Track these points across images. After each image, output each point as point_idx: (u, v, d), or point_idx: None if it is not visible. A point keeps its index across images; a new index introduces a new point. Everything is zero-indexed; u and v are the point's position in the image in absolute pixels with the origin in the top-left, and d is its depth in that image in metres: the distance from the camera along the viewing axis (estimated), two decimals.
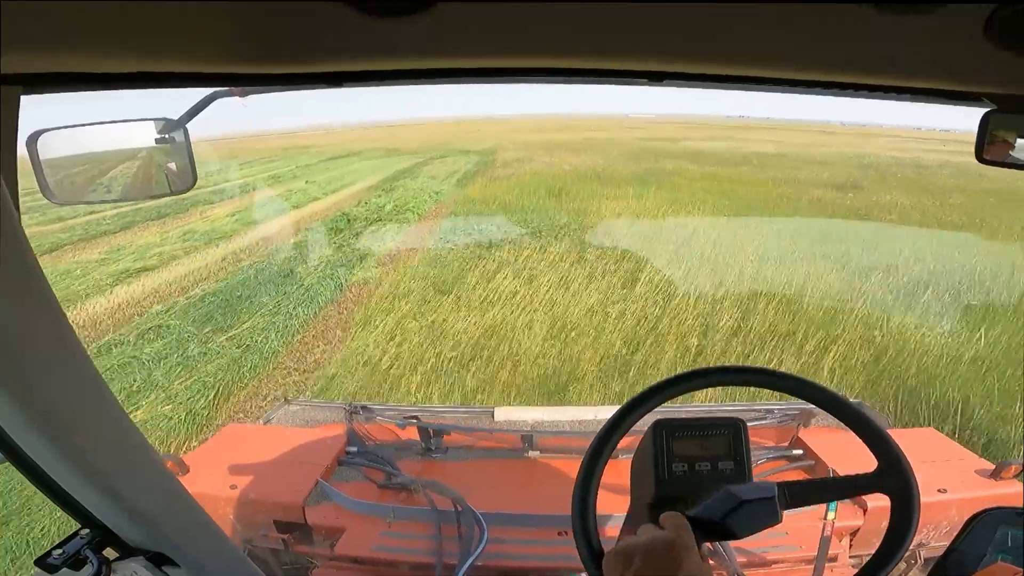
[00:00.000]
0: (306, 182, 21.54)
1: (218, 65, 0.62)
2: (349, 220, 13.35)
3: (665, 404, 0.96)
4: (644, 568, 0.70)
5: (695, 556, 0.72)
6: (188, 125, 0.72)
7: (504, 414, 2.45)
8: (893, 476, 0.85)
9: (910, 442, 0.94)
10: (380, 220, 13.48)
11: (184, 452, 2.54)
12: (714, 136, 42.94)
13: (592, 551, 0.86)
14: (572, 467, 0.91)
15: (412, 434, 2.24)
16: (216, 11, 0.51)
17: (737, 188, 18.00)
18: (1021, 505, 1.12)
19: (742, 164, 24.81)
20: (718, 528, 0.79)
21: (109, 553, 0.86)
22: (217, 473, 1.97)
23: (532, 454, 2.16)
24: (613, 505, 1.30)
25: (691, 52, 0.65)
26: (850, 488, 0.91)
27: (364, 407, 2.34)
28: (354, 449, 2.17)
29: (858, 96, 0.74)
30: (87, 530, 0.84)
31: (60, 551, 0.82)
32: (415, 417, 2.31)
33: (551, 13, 0.56)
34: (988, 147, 0.77)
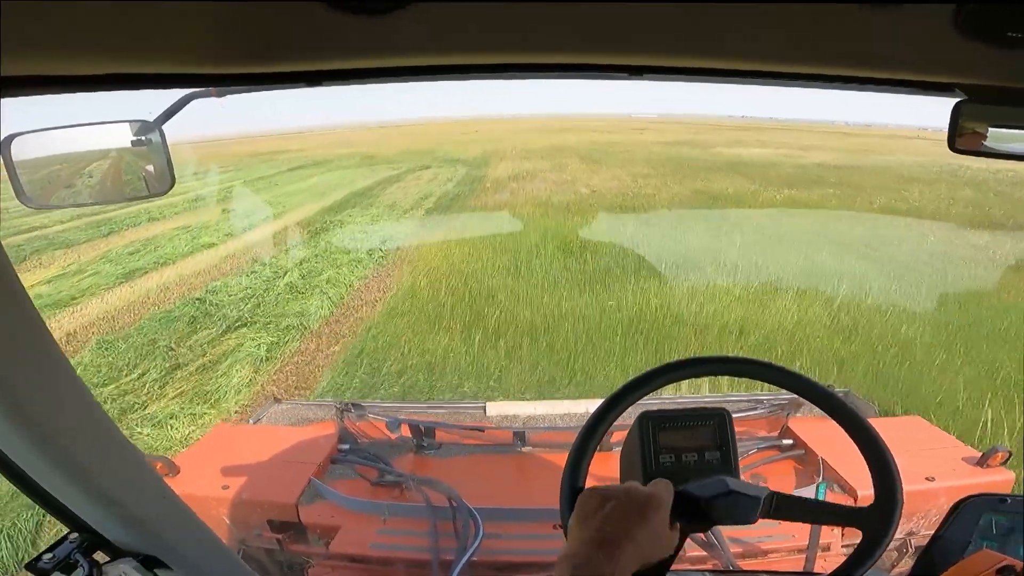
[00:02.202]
0: (223, 211, 15.37)
1: (195, 66, 0.61)
2: (193, 319, 7.31)
3: (652, 395, 0.96)
4: (614, 512, 0.71)
5: (665, 517, 0.74)
6: (165, 127, 0.72)
7: (496, 409, 2.46)
8: (880, 519, 0.85)
9: (896, 430, 0.95)
10: (244, 324, 7.06)
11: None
12: (740, 140, 36.42)
13: (574, 487, 0.88)
14: (563, 461, 0.91)
15: (404, 431, 2.25)
16: (193, 12, 0.51)
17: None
18: (1007, 492, 1.14)
19: (818, 183, 18.36)
20: (697, 508, 0.79)
21: (100, 557, 0.86)
22: (209, 474, 1.97)
23: (524, 449, 2.17)
24: None
25: (668, 47, 0.65)
26: (836, 518, 0.92)
27: (355, 404, 2.35)
28: (346, 447, 2.18)
29: (832, 88, 0.75)
30: (76, 534, 0.84)
31: (50, 555, 0.81)
32: (407, 414, 2.32)
33: (530, 8, 0.56)
34: (960, 136, 0.78)
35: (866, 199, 16.08)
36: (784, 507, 0.83)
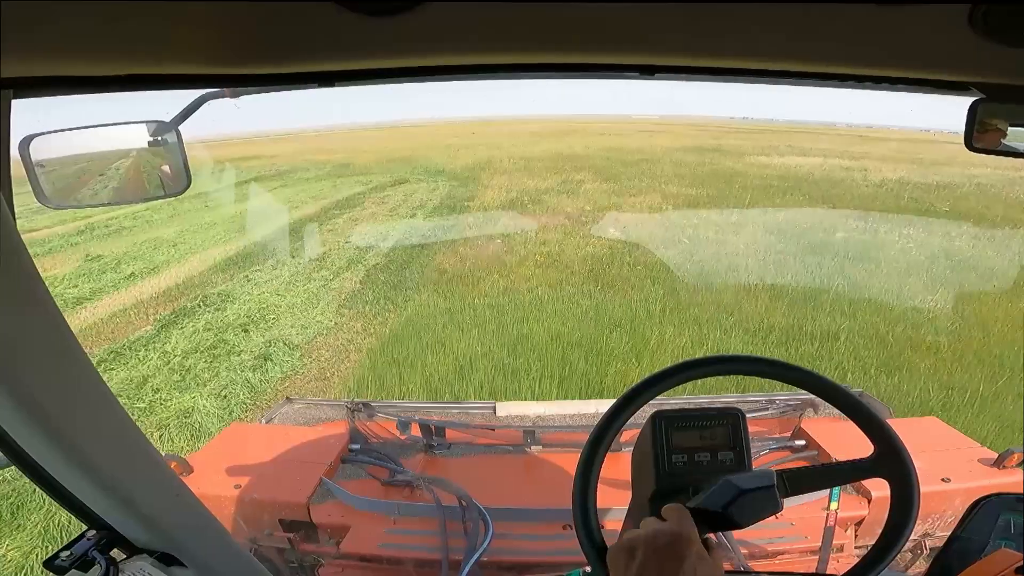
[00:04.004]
0: (86, 257, 10.57)
1: (209, 66, 0.62)
2: None
3: (664, 395, 0.96)
4: (648, 561, 0.70)
5: (698, 547, 0.72)
6: (181, 127, 0.72)
7: (505, 409, 2.46)
8: (890, 459, 0.85)
9: (913, 431, 0.94)
10: None
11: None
12: (769, 146, 29.02)
13: (595, 545, 0.86)
14: (574, 461, 0.91)
15: (414, 430, 2.25)
16: (206, 13, 0.51)
17: None
18: (1023, 492, 1.12)
19: (931, 213, 12.73)
20: (720, 518, 0.78)
21: (116, 554, 0.87)
22: (221, 473, 1.98)
23: (534, 449, 2.17)
24: (615, 499, 1.30)
25: (681, 46, 0.65)
26: (849, 473, 0.90)
27: (365, 404, 2.35)
28: (357, 447, 2.18)
29: (847, 87, 0.74)
30: (93, 531, 0.85)
31: (68, 552, 0.82)
32: (417, 414, 2.32)
33: (540, 9, 0.56)
34: (977, 136, 0.78)
35: None
36: (797, 482, 0.82)
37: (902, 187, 17.02)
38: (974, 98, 0.77)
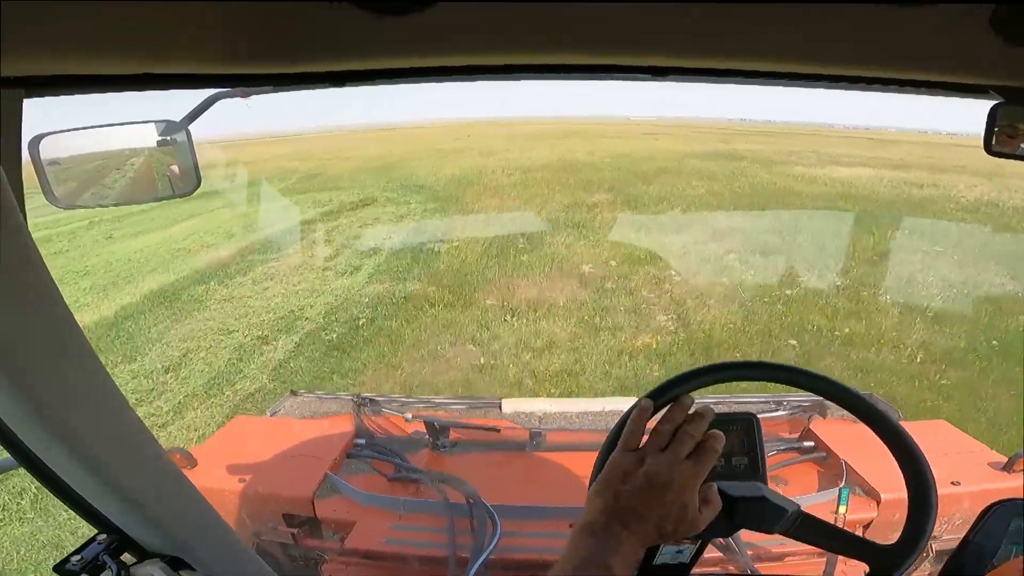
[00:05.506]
0: None
1: (220, 66, 0.61)
2: None
3: None
4: (634, 489, 0.73)
5: (686, 501, 0.74)
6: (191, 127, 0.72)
7: (512, 406, 2.45)
8: (896, 561, 0.84)
9: (922, 435, 0.93)
10: None
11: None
12: (794, 152, 23.65)
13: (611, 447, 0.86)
14: (580, 461, 0.91)
15: (420, 426, 2.25)
16: (217, 11, 0.51)
17: None
18: None
19: None
20: (726, 506, 0.79)
21: (127, 558, 0.87)
22: (225, 467, 1.98)
23: (541, 447, 2.16)
24: None
25: (693, 47, 0.64)
26: (857, 551, 0.89)
27: (371, 399, 2.36)
28: (362, 441, 2.18)
29: (864, 89, 0.73)
30: (104, 535, 0.85)
31: (78, 557, 0.82)
32: (423, 410, 2.32)
33: (555, 9, 0.55)
34: (997, 139, 0.77)
35: None
36: (806, 528, 0.84)
37: (1000, 211, 12.57)
38: (993, 102, 0.76)
